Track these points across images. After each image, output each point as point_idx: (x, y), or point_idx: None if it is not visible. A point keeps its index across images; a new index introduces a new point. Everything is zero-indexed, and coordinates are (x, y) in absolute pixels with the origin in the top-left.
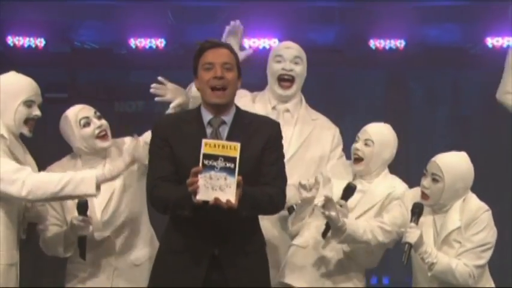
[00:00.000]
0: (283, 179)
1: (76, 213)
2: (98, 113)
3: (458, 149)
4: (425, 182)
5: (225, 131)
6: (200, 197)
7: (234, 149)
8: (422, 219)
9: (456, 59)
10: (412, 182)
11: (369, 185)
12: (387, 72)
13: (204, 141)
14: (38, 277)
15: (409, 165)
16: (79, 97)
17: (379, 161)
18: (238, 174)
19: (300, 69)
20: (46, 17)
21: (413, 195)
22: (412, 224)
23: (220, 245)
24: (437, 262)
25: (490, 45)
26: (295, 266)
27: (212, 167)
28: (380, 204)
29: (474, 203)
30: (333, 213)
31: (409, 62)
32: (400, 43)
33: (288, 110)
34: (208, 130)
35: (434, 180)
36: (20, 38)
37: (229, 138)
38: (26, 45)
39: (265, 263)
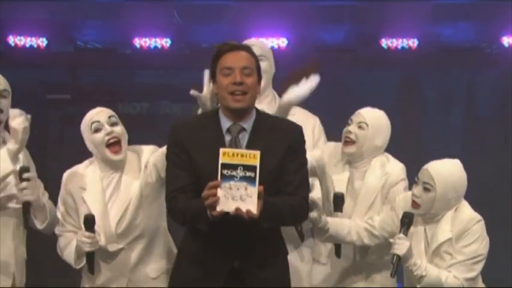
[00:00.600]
0: (306, 187)
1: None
2: (114, 118)
3: (474, 150)
4: (416, 190)
5: (244, 138)
6: (220, 208)
7: (254, 158)
8: (413, 229)
9: (471, 58)
10: None
11: (362, 178)
12: (400, 72)
13: (221, 150)
14: (42, 277)
15: (422, 167)
16: (82, 98)
17: (372, 146)
18: (259, 183)
19: (264, 66)
20: (48, 16)
21: (405, 201)
22: (401, 235)
23: (240, 257)
24: (426, 275)
25: (506, 45)
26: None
27: (231, 177)
28: (379, 196)
29: (466, 213)
30: (314, 215)
31: (422, 61)
32: (412, 42)
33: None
34: (227, 138)
35: (426, 189)
36: (22, 38)
37: (249, 145)
38: (27, 45)
39: (286, 273)
